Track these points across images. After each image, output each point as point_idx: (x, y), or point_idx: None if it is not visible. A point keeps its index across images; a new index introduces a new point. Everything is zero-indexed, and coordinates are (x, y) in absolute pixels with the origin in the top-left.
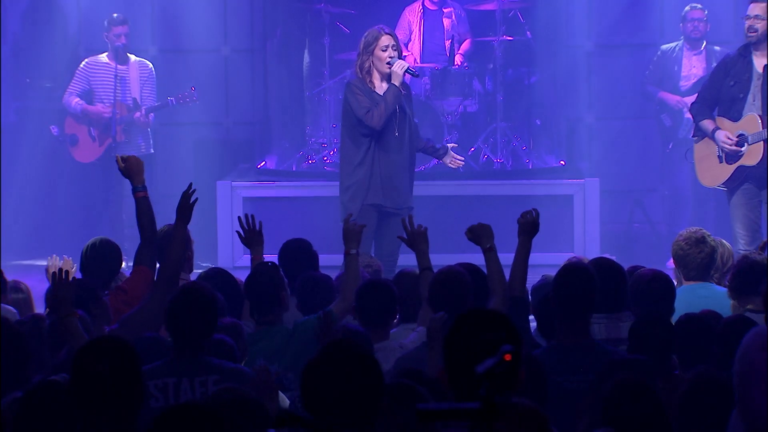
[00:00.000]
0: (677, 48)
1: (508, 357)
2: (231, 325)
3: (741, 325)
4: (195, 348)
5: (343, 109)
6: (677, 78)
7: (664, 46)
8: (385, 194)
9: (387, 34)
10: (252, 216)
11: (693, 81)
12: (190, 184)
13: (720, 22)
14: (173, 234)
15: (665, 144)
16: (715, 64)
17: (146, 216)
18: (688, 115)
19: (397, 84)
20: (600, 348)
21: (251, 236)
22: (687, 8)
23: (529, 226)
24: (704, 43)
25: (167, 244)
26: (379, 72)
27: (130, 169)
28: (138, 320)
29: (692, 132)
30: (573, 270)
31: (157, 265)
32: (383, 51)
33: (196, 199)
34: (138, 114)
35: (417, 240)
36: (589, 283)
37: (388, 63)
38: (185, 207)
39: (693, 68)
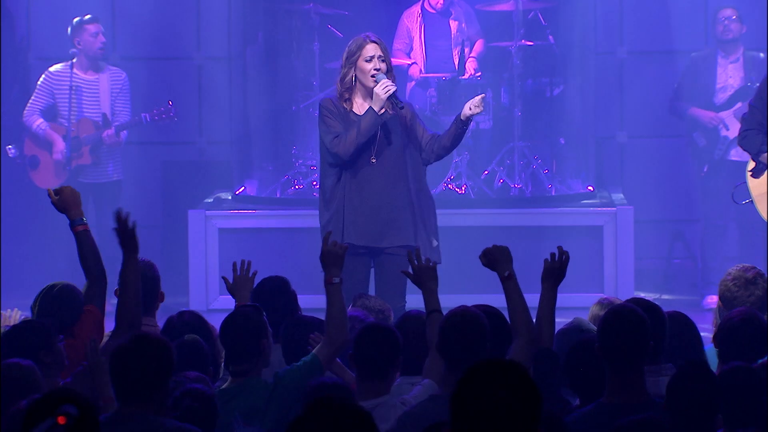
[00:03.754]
0: (710, 56)
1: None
2: (196, 380)
3: None
4: (141, 404)
5: (319, 134)
6: (711, 91)
7: (695, 54)
8: (360, 233)
9: (373, 42)
10: (249, 262)
11: (730, 93)
12: (119, 209)
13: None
14: (124, 271)
15: (699, 167)
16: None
17: (90, 252)
18: (725, 133)
19: (376, 108)
20: (658, 406)
21: (240, 283)
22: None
23: (552, 272)
24: (741, 49)
25: (121, 285)
26: (364, 87)
27: (66, 201)
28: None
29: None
30: (621, 314)
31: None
32: (367, 62)
33: (135, 223)
34: (108, 132)
35: (424, 276)
36: (641, 328)
37: (373, 77)
38: (126, 235)
39: (729, 78)
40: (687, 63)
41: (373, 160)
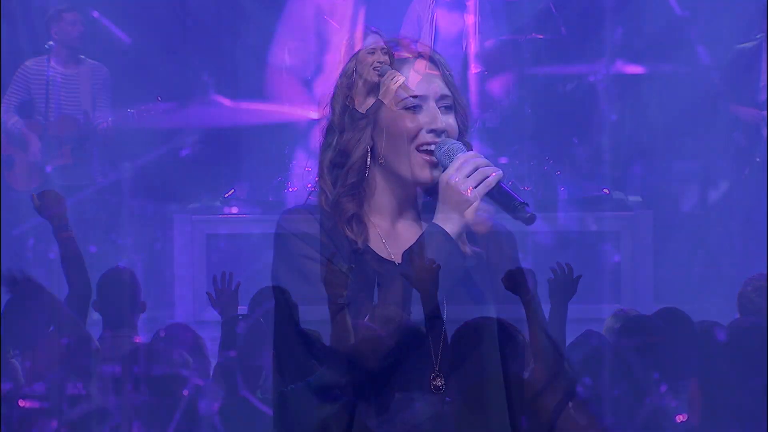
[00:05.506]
0: (756, 50)
1: None
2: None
3: None
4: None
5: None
6: (756, 87)
7: (739, 47)
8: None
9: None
10: (230, 274)
11: None
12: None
13: None
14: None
15: (740, 170)
16: None
17: (75, 260)
18: None
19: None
20: None
21: (224, 299)
22: None
23: (560, 286)
24: None
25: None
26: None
27: (49, 206)
28: None
29: None
30: (635, 324)
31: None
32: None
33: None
34: (105, 124)
35: (423, 279)
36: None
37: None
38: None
39: None
40: (730, 57)
41: (382, 162)
